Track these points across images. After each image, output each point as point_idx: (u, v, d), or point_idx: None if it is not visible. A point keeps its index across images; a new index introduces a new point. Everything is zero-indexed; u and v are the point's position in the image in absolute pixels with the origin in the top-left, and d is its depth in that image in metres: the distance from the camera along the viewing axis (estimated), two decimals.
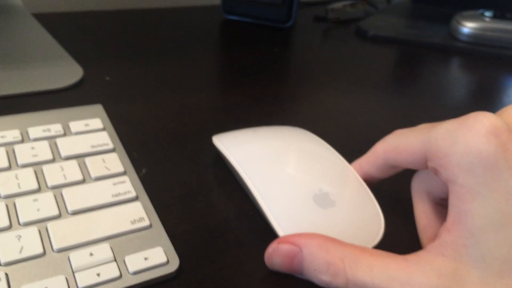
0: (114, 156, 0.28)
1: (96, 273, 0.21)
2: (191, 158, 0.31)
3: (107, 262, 0.22)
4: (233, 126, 0.32)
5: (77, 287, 0.20)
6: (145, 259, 0.22)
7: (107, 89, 0.38)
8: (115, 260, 0.22)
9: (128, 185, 0.26)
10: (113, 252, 0.22)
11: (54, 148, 0.28)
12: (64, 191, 0.25)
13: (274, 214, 0.24)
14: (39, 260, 0.21)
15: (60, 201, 0.25)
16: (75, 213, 0.24)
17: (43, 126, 0.30)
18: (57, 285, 0.20)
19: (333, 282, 0.21)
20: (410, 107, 0.41)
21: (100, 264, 0.22)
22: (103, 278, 0.21)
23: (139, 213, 0.25)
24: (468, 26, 0.55)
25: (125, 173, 0.27)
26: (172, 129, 0.34)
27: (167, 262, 0.22)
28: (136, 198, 0.26)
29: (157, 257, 0.22)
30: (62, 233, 0.23)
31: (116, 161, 0.28)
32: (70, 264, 0.21)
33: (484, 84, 0.47)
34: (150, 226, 0.24)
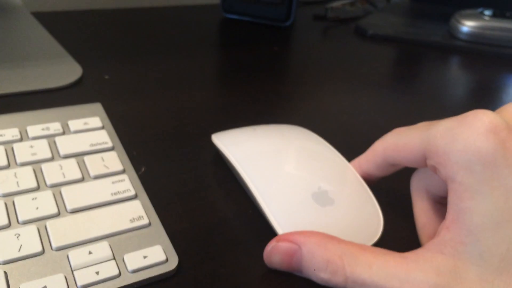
0: (113, 155, 0.28)
1: (95, 272, 0.21)
2: (190, 157, 0.31)
3: (106, 261, 0.22)
4: (233, 125, 0.32)
5: (76, 286, 0.20)
6: (144, 258, 0.22)
7: (106, 88, 0.38)
8: (114, 259, 0.22)
9: (127, 184, 0.26)
10: (112, 251, 0.22)
11: (53, 147, 0.28)
12: (63, 190, 0.25)
13: (273, 212, 0.24)
14: (38, 259, 0.21)
15: (59, 200, 0.25)
16: (74, 212, 0.24)
17: (42, 125, 0.30)
18: (56, 284, 0.20)
19: (332, 280, 0.21)
20: (410, 106, 0.41)
21: (99, 263, 0.22)
22: (102, 277, 0.21)
23: (138, 212, 0.25)
24: (468, 25, 0.55)
25: (124, 172, 0.27)
26: (171, 128, 0.34)
27: (166, 260, 0.22)
28: (135, 197, 0.26)
29: (156, 256, 0.22)
30: (61, 232, 0.23)
31: (115, 160, 0.28)
32: (69, 263, 0.21)
33: (484, 83, 0.47)
34: (149, 225, 0.24)
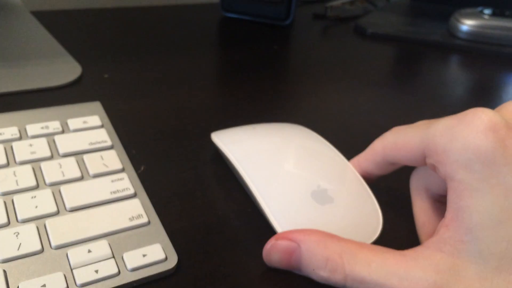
0: (113, 153, 0.28)
1: (94, 270, 0.21)
2: (190, 155, 0.31)
3: (106, 259, 0.22)
4: (232, 123, 0.32)
5: (76, 284, 0.20)
6: (144, 256, 0.22)
7: (106, 87, 0.38)
8: (114, 257, 0.22)
9: (127, 182, 0.26)
10: (111, 249, 0.22)
11: (52, 145, 0.28)
12: (62, 188, 0.25)
13: (272, 211, 0.24)
14: (37, 257, 0.21)
15: (58, 198, 0.25)
16: (73, 210, 0.24)
17: (41, 123, 0.30)
18: (55, 282, 0.20)
19: (332, 278, 0.21)
20: (409, 105, 0.41)
21: (98, 261, 0.21)
22: (101, 275, 0.21)
23: (138, 210, 0.25)
24: (467, 24, 0.55)
25: (124, 170, 0.27)
26: (171, 126, 0.34)
27: (166, 259, 0.22)
28: (135, 195, 0.26)
29: (156, 254, 0.22)
30: (60, 230, 0.23)
31: (115, 158, 0.28)
32: (68, 261, 0.21)
33: (483, 82, 0.47)
34: (149, 223, 0.24)
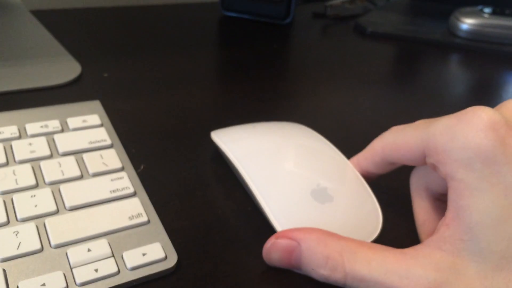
0: (112, 152, 0.28)
1: (94, 269, 0.21)
2: (190, 154, 0.31)
3: (105, 258, 0.22)
4: (232, 122, 0.32)
5: (75, 283, 0.20)
6: (143, 255, 0.22)
7: (105, 86, 0.38)
8: (113, 256, 0.22)
9: (126, 181, 0.26)
10: (111, 248, 0.22)
11: (52, 144, 0.28)
12: (62, 187, 0.25)
13: (272, 209, 0.24)
14: (37, 256, 0.21)
15: (58, 197, 0.25)
16: (73, 209, 0.24)
17: (41, 122, 0.30)
18: (55, 281, 0.20)
19: (332, 276, 0.21)
20: (409, 103, 0.41)
21: (98, 260, 0.21)
22: (101, 274, 0.21)
23: (137, 209, 0.25)
24: (467, 23, 0.55)
25: (123, 169, 0.27)
26: (171, 125, 0.34)
27: (165, 258, 0.22)
28: (134, 194, 0.26)
29: (155, 253, 0.22)
30: (60, 229, 0.23)
31: (114, 157, 0.28)
32: (68, 260, 0.21)
33: (483, 80, 0.47)
34: (148, 222, 0.24)
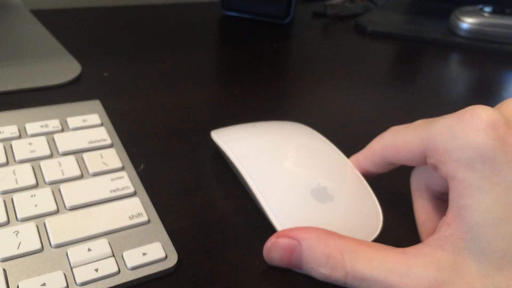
0: (112, 152, 0.28)
1: (94, 269, 0.21)
2: (190, 154, 0.31)
3: (105, 258, 0.22)
4: (232, 122, 0.32)
5: (75, 283, 0.20)
6: (144, 255, 0.22)
7: (105, 85, 0.38)
8: (113, 256, 0.22)
9: (126, 181, 0.26)
10: (111, 248, 0.22)
11: (52, 144, 0.28)
12: (62, 187, 0.25)
13: (272, 209, 0.24)
14: (37, 256, 0.21)
15: (58, 197, 0.25)
16: (73, 209, 0.24)
17: (41, 122, 0.30)
18: (55, 281, 0.20)
19: (332, 275, 0.20)
20: (409, 103, 0.41)
21: (98, 260, 0.21)
22: (101, 274, 0.21)
23: (137, 209, 0.25)
24: (467, 22, 0.55)
25: (123, 169, 0.27)
26: (171, 125, 0.34)
27: (166, 258, 0.22)
28: (134, 194, 0.26)
29: (156, 253, 0.22)
30: (60, 229, 0.23)
31: (114, 157, 0.28)
32: (68, 260, 0.21)
33: (483, 79, 0.47)
34: (149, 222, 0.24)
